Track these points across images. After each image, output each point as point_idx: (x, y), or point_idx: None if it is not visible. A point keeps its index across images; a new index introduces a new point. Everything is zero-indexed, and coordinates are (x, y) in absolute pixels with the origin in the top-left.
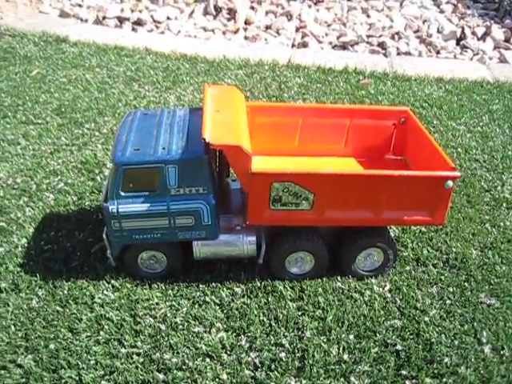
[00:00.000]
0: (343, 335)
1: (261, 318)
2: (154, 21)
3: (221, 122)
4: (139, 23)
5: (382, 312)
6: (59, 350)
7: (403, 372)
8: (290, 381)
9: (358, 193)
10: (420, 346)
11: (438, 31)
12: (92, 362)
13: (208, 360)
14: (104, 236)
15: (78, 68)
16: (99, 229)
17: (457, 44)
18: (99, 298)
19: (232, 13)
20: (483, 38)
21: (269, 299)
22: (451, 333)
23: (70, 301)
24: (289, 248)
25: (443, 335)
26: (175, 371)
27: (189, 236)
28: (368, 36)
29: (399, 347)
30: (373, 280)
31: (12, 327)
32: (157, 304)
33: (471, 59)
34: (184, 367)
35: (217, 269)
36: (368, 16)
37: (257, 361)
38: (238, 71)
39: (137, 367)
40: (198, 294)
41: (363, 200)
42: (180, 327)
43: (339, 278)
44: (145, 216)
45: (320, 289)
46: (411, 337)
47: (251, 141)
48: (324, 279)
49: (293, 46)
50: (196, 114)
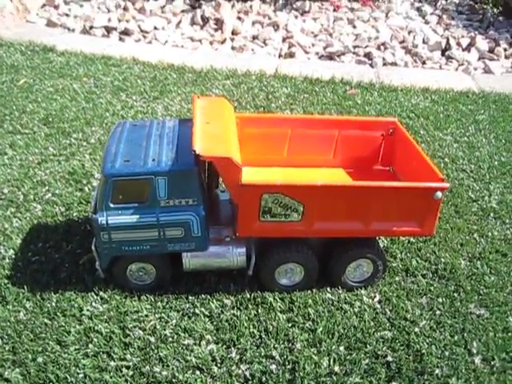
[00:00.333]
0: (334, 347)
1: (251, 330)
2: (142, 31)
3: (211, 134)
4: (126, 33)
5: (372, 323)
6: (47, 364)
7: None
8: None
9: (348, 204)
10: (411, 357)
11: (424, 42)
12: (81, 376)
13: (198, 373)
14: (93, 247)
15: (66, 77)
16: (87, 240)
17: (442, 54)
18: (88, 310)
19: (219, 23)
20: (468, 49)
21: (259, 311)
22: (441, 344)
23: (58, 313)
24: (278, 259)
25: (434, 346)
26: None
27: (178, 248)
28: (354, 46)
29: (390, 358)
30: (362, 291)
31: None
32: (146, 316)
33: (456, 70)
34: (174, 380)
35: (206, 280)
36: (354, 27)
37: (247, 373)
38: (226, 81)
39: (126, 380)
40: (188, 306)
41: (352, 211)
42: (170, 339)
43: (329, 289)
44: (134, 228)
45: (310, 300)
46: (402, 348)
47: (240, 152)
48: (314, 290)
49: (280, 57)
50: (185, 126)
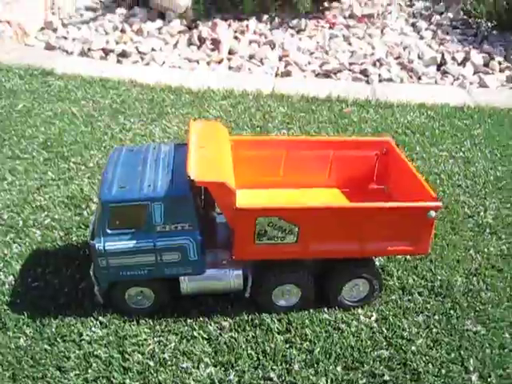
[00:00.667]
0: (331, 367)
1: (249, 352)
2: (139, 52)
3: (205, 159)
4: (124, 55)
5: (369, 342)
6: None
7: None
8: None
9: (342, 225)
10: (408, 376)
11: (419, 57)
12: None
13: None
14: (91, 273)
15: (64, 101)
16: (87, 264)
17: (437, 70)
18: (87, 335)
19: (216, 43)
20: (463, 63)
21: (256, 332)
22: (438, 361)
23: (58, 338)
24: (275, 281)
25: (430, 364)
26: None
27: (175, 272)
28: (350, 63)
29: (387, 377)
30: (359, 310)
31: None
32: (145, 340)
33: (452, 84)
34: None
35: (204, 303)
36: (350, 44)
37: None
38: (223, 102)
39: None
40: (186, 329)
41: (347, 232)
42: (168, 363)
43: (326, 310)
44: (131, 253)
45: (307, 321)
46: (398, 367)
47: (236, 174)
48: (311, 311)
49: (276, 75)
50: (181, 150)
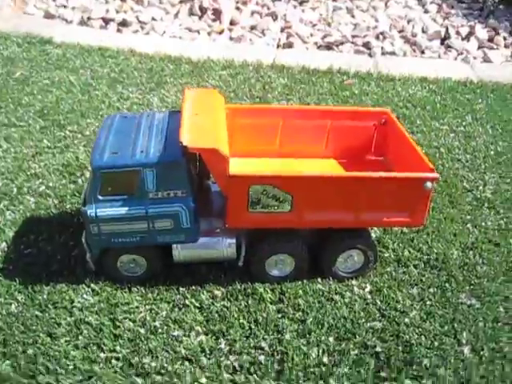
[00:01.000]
0: (323, 337)
1: (241, 321)
2: (140, 22)
3: (198, 126)
4: (124, 24)
5: (362, 314)
6: (37, 356)
7: (383, 374)
8: None
9: (337, 195)
10: (400, 348)
11: (423, 31)
12: (70, 367)
13: (187, 364)
14: (83, 240)
15: (62, 69)
16: (80, 232)
17: (441, 44)
18: (78, 302)
19: (217, 13)
20: (467, 38)
21: (249, 302)
22: (431, 334)
23: (50, 305)
24: (269, 250)
25: (423, 336)
26: (154, 375)
27: (168, 239)
28: (353, 36)
29: (379, 349)
30: (353, 281)
31: None
32: (136, 308)
33: (455, 59)
34: (163, 371)
35: (197, 271)
36: (353, 16)
37: (236, 364)
38: (222, 72)
39: (115, 372)
40: (178, 297)
41: (342, 202)
42: (159, 331)
43: (319, 280)
44: (123, 220)
45: (300, 291)
46: (391, 338)
47: (232, 143)
48: (304, 281)
49: (278, 47)
50: (175, 117)
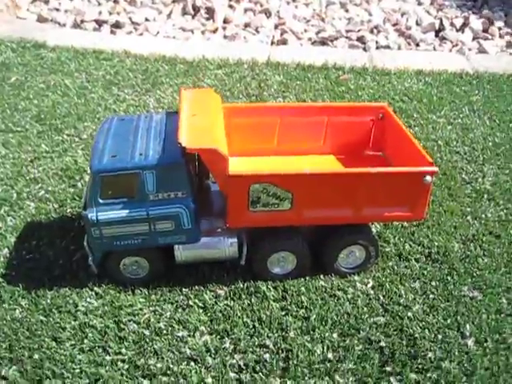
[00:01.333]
0: (327, 334)
1: (244, 320)
2: (133, 23)
3: (197, 126)
4: (118, 26)
5: (366, 309)
6: (43, 360)
7: (387, 368)
8: (275, 382)
9: (337, 191)
10: (404, 342)
11: (417, 23)
12: (77, 371)
13: (193, 364)
14: (85, 243)
15: (57, 73)
16: (81, 236)
17: (436, 36)
18: (82, 306)
19: (210, 12)
20: (462, 29)
21: (252, 300)
22: (434, 327)
23: (54, 310)
24: (270, 248)
25: (427, 330)
26: (160, 376)
27: (169, 241)
28: (347, 31)
29: (383, 344)
30: (355, 277)
31: None
32: (140, 309)
33: (450, 51)
34: (169, 372)
35: (199, 271)
36: (346, 10)
37: (241, 363)
38: (218, 71)
39: (122, 374)
40: (182, 298)
41: (343, 198)
42: (164, 332)
43: (322, 277)
44: (124, 222)
45: (303, 288)
46: (395, 333)
47: (229, 142)
48: (307, 278)
49: (272, 44)
50: (172, 118)
